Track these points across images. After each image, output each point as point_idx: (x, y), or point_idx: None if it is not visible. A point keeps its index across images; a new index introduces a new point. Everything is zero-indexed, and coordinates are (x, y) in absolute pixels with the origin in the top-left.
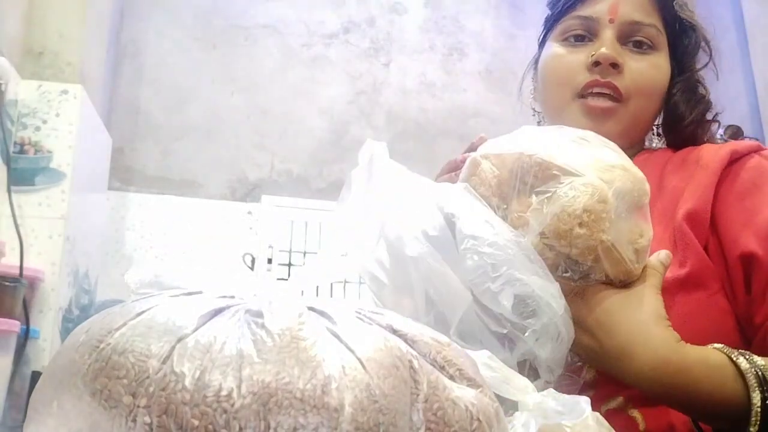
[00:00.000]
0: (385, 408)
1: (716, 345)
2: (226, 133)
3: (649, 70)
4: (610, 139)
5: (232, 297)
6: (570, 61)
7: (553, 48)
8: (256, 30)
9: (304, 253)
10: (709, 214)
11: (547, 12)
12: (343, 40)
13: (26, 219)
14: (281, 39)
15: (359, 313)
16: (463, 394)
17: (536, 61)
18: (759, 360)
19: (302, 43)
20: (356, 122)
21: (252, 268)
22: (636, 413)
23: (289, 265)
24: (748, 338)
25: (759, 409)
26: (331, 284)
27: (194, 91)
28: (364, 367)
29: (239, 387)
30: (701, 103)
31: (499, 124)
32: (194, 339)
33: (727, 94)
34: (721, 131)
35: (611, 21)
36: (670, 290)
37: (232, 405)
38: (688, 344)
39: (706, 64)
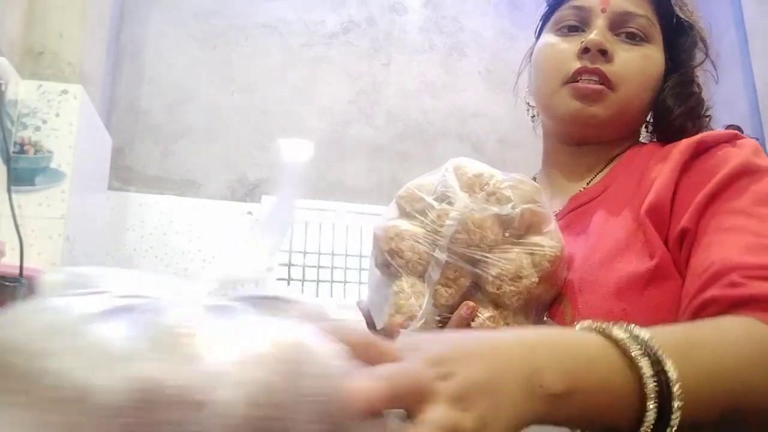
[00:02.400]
0: (279, 402)
1: (583, 324)
2: (226, 133)
3: (640, 60)
4: (599, 124)
5: (137, 296)
6: (561, 49)
7: (547, 38)
8: (256, 30)
9: (304, 253)
10: (669, 207)
11: (543, 7)
12: (343, 40)
13: (26, 219)
14: (281, 39)
15: (265, 309)
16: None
17: (531, 53)
18: (640, 331)
19: (302, 43)
20: (356, 122)
21: None
22: (566, 304)
23: (289, 265)
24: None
25: (654, 384)
26: (331, 284)
27: (194, 91)
28: (259, 362)
29: (125, 384)
30: (690, 98)
31: (499, 124)
32: (85, 337)
33: (727, 94)
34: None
35: (603, 10)
36: (640, 283)
37: (118, 402)
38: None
39: (701, 63)
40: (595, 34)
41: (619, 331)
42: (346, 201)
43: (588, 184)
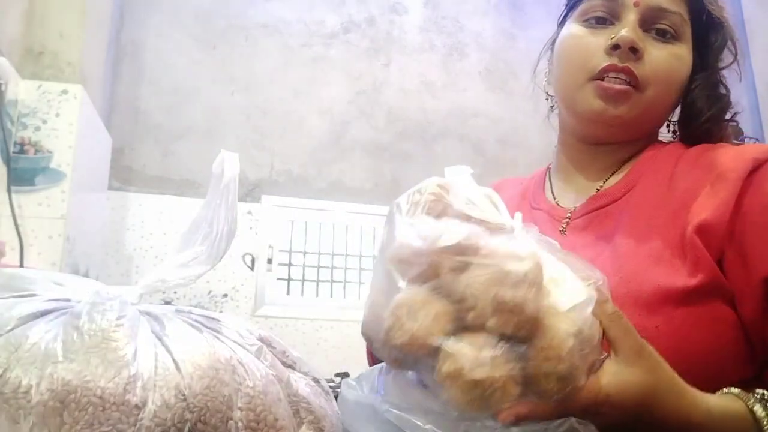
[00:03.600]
0: (193, 406)
1: (734, 391)
2: (226, 133)
3: (670, 59)
4: (623, 125)
5: (67, 300)
6: (588, 42)
7: (573, 28)
8: (256, 30)
9: (304, 253)
10: (726, 226)
11: (546, 10)
12: (343, 40)
13: (26, 219)
14: (281, 39)
15: (196, 320)
16: (304, 389)
17: (553, 42)
18: None
19: (302, 43)
20: (356, 122)
21: (252, 268)
22: None
23: (289, 265)
24: (758, 355)
25: None
26: (331, 284)
27: (194, 91)
28: (177, 367)
29: (39, 384)
30: (720, 101)
31: (499, 124)
32: (5, 339)
33: None
34: None
35: (636, 4)
36: (677, 298)
37: (29, 401)
38: (706, 395)
39: (730, 64)
40: (626, 31)
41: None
42: (346, 201)
43: (605, 182)
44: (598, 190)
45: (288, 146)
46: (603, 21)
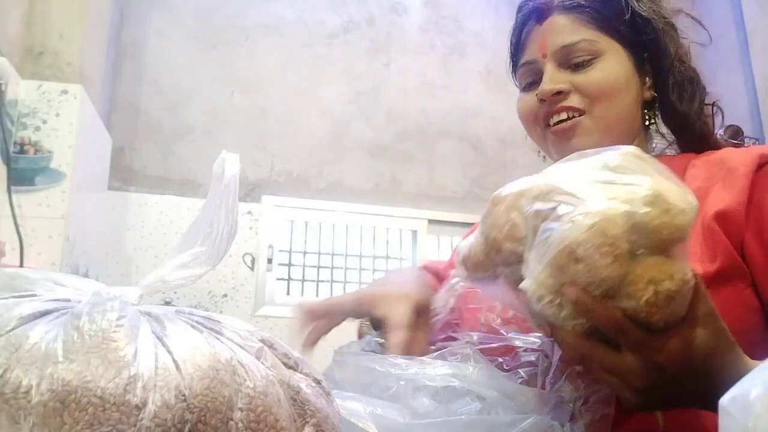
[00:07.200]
0: (194, 407)
1: None
2: (226, 133)
3: (599, 76)
4: (594, 146)
5: (67, 300)
6: (528, 101)
7: (519, 95)
8: (256, 30)
9: (304, 253)
10: (743, 213)
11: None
12: (343, 40)
13: (26, 219)
14: (281, 39)
15: (196, 321)
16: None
17: None
18: None
19: (302, 43)
20: (356, 122)
21: (252, 268)
22: (657, 412)
23: (289, 265)
24: None
25: None
26: (331, 284)
27: (194, 91)
28: (178, 368)
29: (39, 384)
30: (696, 91)
31: (499, 124)
32: (5, 339)
33: (727, 94)
34: (720, 131)
35: (544, 56)
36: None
37: (29, 401)
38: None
39: (679, 45)
40: (543, 84)
41: None
42: (346, 201)
43: None
44: None
45: (288, 146)
46: (534, 83)
